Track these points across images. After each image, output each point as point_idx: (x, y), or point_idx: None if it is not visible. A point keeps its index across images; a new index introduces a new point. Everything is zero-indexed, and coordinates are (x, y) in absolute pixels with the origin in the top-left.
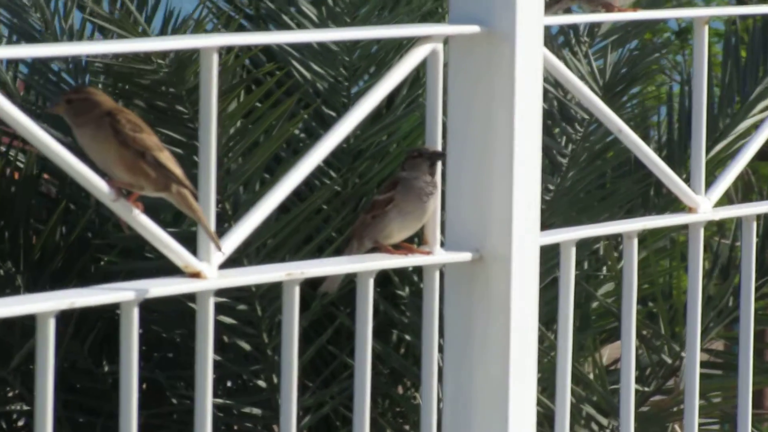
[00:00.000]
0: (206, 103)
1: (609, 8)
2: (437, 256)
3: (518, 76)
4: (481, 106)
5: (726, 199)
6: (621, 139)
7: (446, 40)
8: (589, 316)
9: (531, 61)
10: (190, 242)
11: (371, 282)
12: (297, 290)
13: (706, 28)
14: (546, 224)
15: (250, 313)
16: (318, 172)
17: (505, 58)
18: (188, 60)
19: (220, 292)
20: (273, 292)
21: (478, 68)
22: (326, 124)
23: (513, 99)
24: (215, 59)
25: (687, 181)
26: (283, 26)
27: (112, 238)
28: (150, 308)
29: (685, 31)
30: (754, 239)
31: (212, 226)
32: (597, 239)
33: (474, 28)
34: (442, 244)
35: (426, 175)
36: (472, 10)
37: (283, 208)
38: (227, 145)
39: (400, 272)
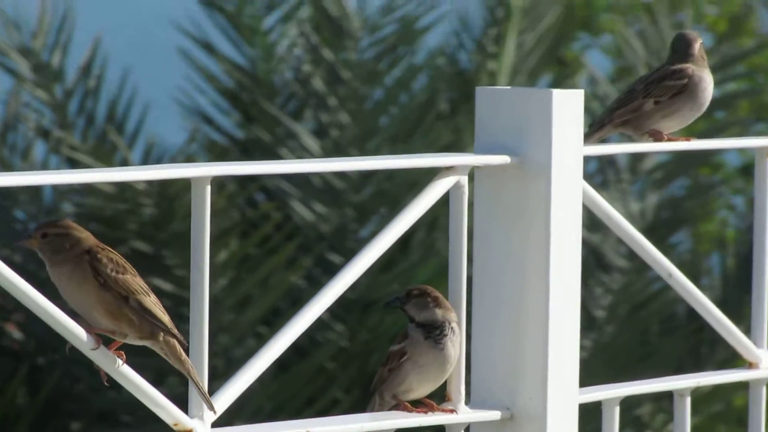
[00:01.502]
0: (199, 239)
1: (657, 137)
2: (462, 414)
3: (555, 213)
4: (512, 247)
5: None
6: (672, 285)
7: (472, 173)
8: None
9: (569, 196)
10: (178, 404)
11: None
12: None
13: None
14: (581, 386)
15: None
16: (321, 325)
17: (540, 192)
18: (175, 198)
19: None
20: None
21: (510, 204)
22: (331, 272)
23: (549, 239)
24: (208, 191)
25: (747, 333)
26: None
27: (86, 400)
28: None
29: (750, 167)
30: None
31: (205, 381)
32: (640, 402)
33: (504, 159)
34: (468, 401)
35: (437, 312)
36: (501, 138)
37: (282, 366)
38: (218, 297)
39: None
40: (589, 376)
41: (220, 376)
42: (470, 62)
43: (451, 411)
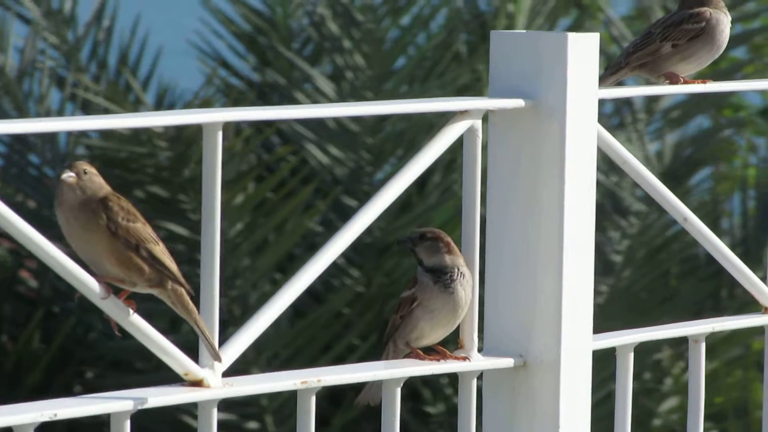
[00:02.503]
0: (210, 186)
1: (674, 79)
2: (475, 362)
3: (569, 157)
4: (525, 191)
5: None
6: (687, 230)
7: (486, 116)
8: None
9: (584, 139)
10: (189, 353)
11: (398, 392)
12: (313, 401)
13: None
14: (598, 331)
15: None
16: (337, 271)
17: (554, 135)
18: (192, 143)
19: (225, 407)
20: (288, 407)
21: (523, 147)
22: (347, 217)
23: (563, 183)
24: (219, 137)
25: (765, 279)
26: (299, 105)
27: (99, 348)
28: (142, 427)
29: None
30: None
31: (215, 330)
32: (659, 346)
33: (518, 102)
34: (480, 349)
35: (446, 257)
36: (515, 81)
37: (298, 313)
38: (234, 242)
39: (432, 384)
40: (606, 320)
41: (236, 322)
42: (488, 4)
43: (464, 358)
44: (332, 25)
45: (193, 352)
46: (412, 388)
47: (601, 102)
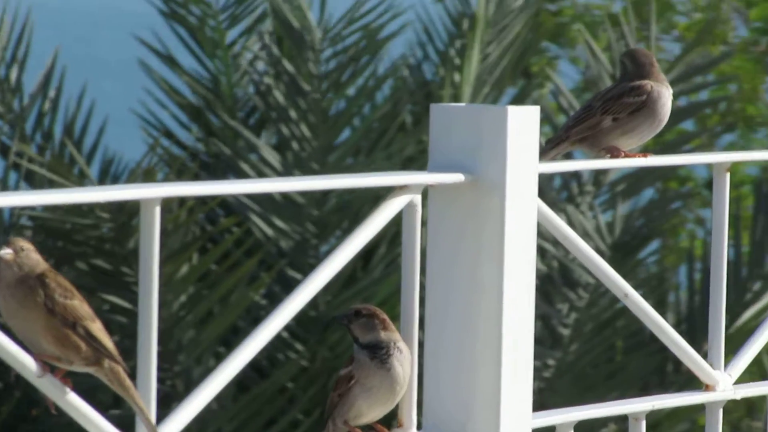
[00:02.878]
0: (147, 263)
1: (615, 153)
2: None
3: (509, 232)
4: (465, 266)
5: (759, 375)
6: (628, 306)
7: (426, 191)
8: None
9: (524, 215)
10: (130, 430)
11: None
12: None
13: (728, 176)
14: (545, 405)
15: None
16: (281, 345)
17: (494, 210)
18: (135, 214)
19: None
20: None
21: (463, 222)
22: (291, 289)
23: (503, 258)
24: (157, 212)
25: (706, 356)
26: (243, 175)
27: (44, 423)
28: None
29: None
30: None
31: (152, 408)
32: (605, 422)
33: (458, 177)
34: (420, 426)
35: (381, 334)
36: (455, 156)
37: (242, 387)
38: (178, 315)
39: None
40: (554, 394)
41: (179, 396)
42: (434, 74)
43: None
44: (278, 95)
45: (133, 429)
46: None
47: (548, 175)
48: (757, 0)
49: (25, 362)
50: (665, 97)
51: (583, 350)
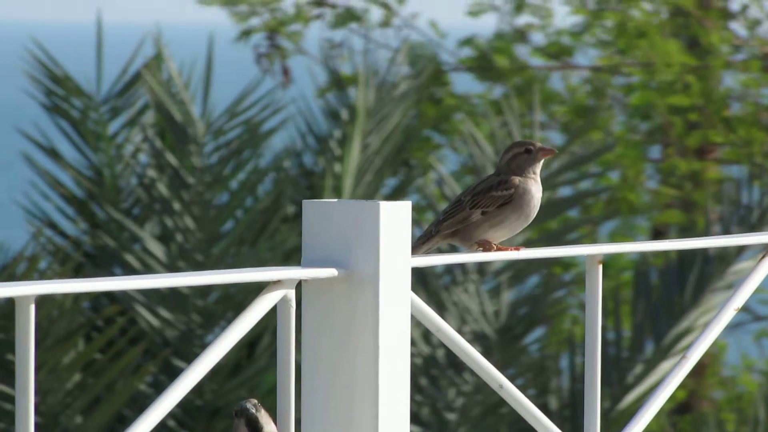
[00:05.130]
0: (23, 358)
1: (487, 247)
2: None
3: (383, 325)
4: (340, 361)
5: None
6: (503, 396)
7: (301, 284)
8: None
9: (397, 307)
10: None
11: None
12: None
13: (600, 267)
14: None
15: None
16: None
17: (368, 304)
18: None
19: None
20: None
21: (337, 316)
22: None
23: (377, 350)
24: (32, 310)
25: None
26: (127, 266)
27: None
28: None
29: (605, 264)
30: None
31: None
32: None
33: (331, 272)
34: None
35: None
36: (329, 250)
37: None
38: (65, 401)
39: None
40: None
41: None
42: (316, 164)
43: None
44: (161, 187)
45: None
46: None
47: (416, 270)
48: (637, 85)
49: None
50: (531, 192)
51: None
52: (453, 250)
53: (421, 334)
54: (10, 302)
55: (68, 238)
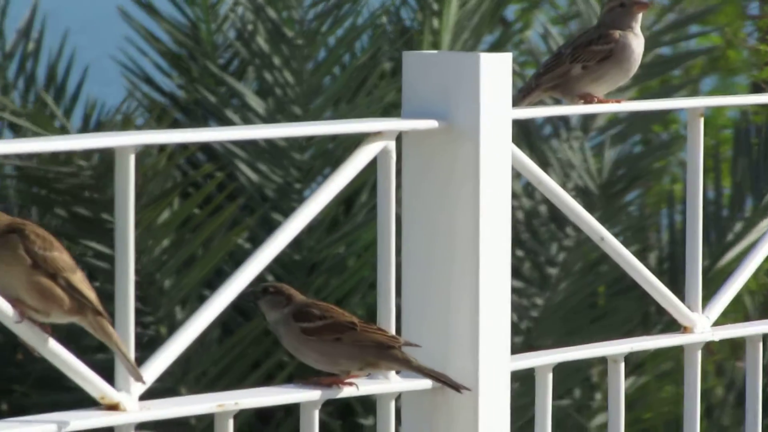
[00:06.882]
0: (123, 211)
1: (588, 100)
2: (393, 383)
3: (483, 177)
4: (440, 212)
5: (742, 316)
6: (604, 249)
7: (401, 136)
8: None
9: (498, 160)
10: (108, 374)
11: (316, 414)
12: (230, 424)
13: (702, 121)
14: (535, 346)
15: None
16: None
17: (468, 156)
18: (113, 160)
19: (154, 425)
20: None
21: (437, 168)
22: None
23: (477, 203)
24: (132, 161)
25: (684, 298)
26: (225, 121)
27: (26, 365)
28: None
29: (705, 122)
30: (760, 363)
31: (131, 351)
32: (590, 363)
33: (431, 123)
34: (397, 372)
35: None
36: (429, 102)
37: (227, 330)
38: (161, 259)
39: (364, 400)
40: (544, 334)
41: (163, 341)
42: (413, 20)
43: (351, 385)
44: (261, 41)
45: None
46: (345, 402)
47: (516, 122)
48: None
49: (3, 308)
50: (632, 47)
51: (573, 290)
52: (555, 103)
53: (523, 187)
54: (102, 162)
55: (165, 93)
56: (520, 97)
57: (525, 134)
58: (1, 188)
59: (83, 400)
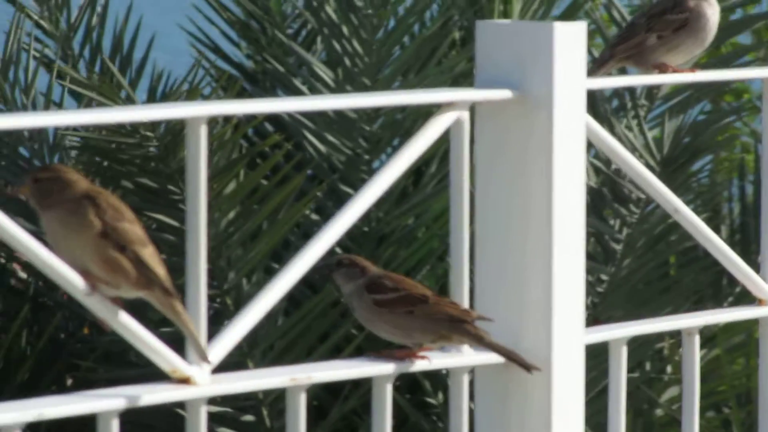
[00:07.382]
0: (194, 183)
1: (663, 69)
2: (466, 357)
3: (557, 148)
4: (514, 183)
5: None
6: (678, 221)
7: (474, 107)
8: (654, 424)
9: (572, 131)
10: (178, 347)
11: (389, 388)
12: (303, 398)
13: None
14: (601, 320)
15: (257, 425)
16: None
17: (542, 127)
18: (181, 132)
19: (222, 399)
20: (285, 400)
21: (511, 138)
22: (343, 204)
23: (552, 174)
24: (203, 132)
25: (759, 270)
26: (293, 91)
27: (91, 340)
28: (136, 423)
29: None
30: None
31: (202, 329)
32: (660, 336)
33: (505, 93)
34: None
35: (361, 281)
36: (502, 72)
37: (294, 302)
38: (227, 231)
39: (432, 376)
40: (609, 308)
41: (230, 314)
42: None
43: (424, 358)
44: (329, 11)
45: (183, 348)
46: (413, 378)
47: (591, 92)
48: None
49: (73, 280)
50: (708, 14)
51: (636, 265)
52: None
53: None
54: (168, 132)
55: (233, 63)
56: (594, 68)
57: (591, 106)
58: (65, 160)
59: (147, 375)
